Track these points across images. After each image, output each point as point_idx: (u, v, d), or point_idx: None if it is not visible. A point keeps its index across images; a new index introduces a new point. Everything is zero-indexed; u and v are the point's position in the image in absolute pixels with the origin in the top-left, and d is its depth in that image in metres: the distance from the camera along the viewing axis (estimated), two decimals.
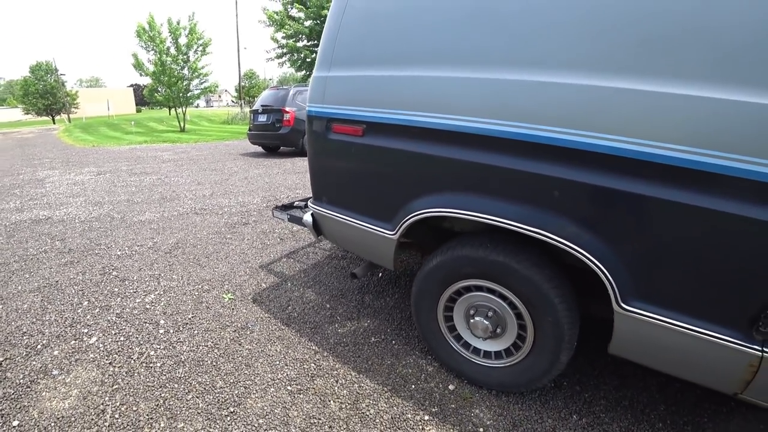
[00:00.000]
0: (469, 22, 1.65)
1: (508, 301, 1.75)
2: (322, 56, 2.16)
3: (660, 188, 1.26)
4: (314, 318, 2.64)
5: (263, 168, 8.49)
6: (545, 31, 1.47)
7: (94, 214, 5.18)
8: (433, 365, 2.15)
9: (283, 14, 17.81)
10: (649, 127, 1.26)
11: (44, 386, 2.06)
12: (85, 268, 3.50)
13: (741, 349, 1.24)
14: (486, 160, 1.60)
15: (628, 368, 2.09)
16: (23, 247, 4.07)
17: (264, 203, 5.55)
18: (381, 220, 2.05)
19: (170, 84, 18.63)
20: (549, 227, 1.49)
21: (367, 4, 2.00)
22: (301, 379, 2.06)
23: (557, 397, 1.92)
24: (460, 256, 1.81)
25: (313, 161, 2.38)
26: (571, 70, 1.40)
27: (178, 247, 3.92)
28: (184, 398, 1.94)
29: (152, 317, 2.67)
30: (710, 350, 1.30)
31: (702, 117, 1.19)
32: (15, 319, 2.70)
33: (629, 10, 1.31)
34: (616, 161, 1.32)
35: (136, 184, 7.06)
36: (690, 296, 1.32)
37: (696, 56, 1.20)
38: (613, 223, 1.40)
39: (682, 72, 1.22)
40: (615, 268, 1.40)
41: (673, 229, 1.29)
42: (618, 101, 1.32)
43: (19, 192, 6.78)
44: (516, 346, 1.82)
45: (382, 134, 1.94)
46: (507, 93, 1.54)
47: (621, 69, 1.32)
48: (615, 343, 1.52)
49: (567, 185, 1.44)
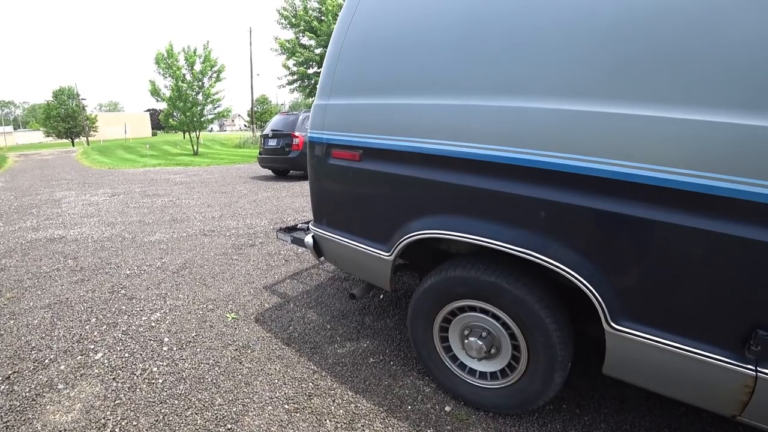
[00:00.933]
0: (456, 52, 1.75)
1: (501, 321, 1.78)
2: (323, 85, 2.28)
3: (646, 209, 1.30)
4: (314, 338, 2.67)
5: (272, 191, 8.64)
6: (528, 59, 1.56)
7: (106, 234, 5.32)
8: (430, 386, 2.16)
9: (295, 42, 18.42)
10: (632, 149, 1.31)
11: (49, 399, 2.11)
12: (95, 286, 3.58)
13: (733, 369, 1.24)
14: (476, 183, 1.67)
15: (630, 391, 2.07)
16: (37, 264, 4.19)
17: (271, 225, 5.64)
18: (377, 242, 2.11)
19: (185, 109, 19.19)
20: (537, 248, 1.53)
21: (362, 39, 2.12)
22: (299, 398, 2.09)
23: (556, 420, 1.92)
24: (453, 276, 1.85)
25: (314, 185, 2.47)
26: (555, 95, 1.47)
27: (186, 268, 4.00)
28: (183, 414, 1.97)
29: (157, 335, 2.72)
30: (702, 370, 1.30)
31: (684, 138, 1.23)
32: (25, 333, 2.78)
33: (608, 38, 1.39)
34: (600, 183, 1.37)
35: (148, 206, 7.23)
36: (679, 315, 1.34)
37: (674, 80, 1.27)
38: (600, 244, 1.44)
39: (661, 95, 1.28)
40: (603, 287, 1.43)
41: (660, 248, 1.32)
42: (600, 125, 1.37)
43: (36, 211, 6.98)
44: (511, 366, 1.83)
45: (378, 159, 2.02)
46: (493, 119, 1.61)
47: (602, 94, 1.38)
48: (608, 364, 1.53)
49: (553, 207, 1.49)
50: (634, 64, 1.33)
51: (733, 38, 1.18)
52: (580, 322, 1.77)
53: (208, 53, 19.15)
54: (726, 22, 1.20)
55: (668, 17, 1.28)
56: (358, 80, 2.12)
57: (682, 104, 1.24)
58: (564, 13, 1.48)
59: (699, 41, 1.23)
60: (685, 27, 1.26)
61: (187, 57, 18.92)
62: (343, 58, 2.16)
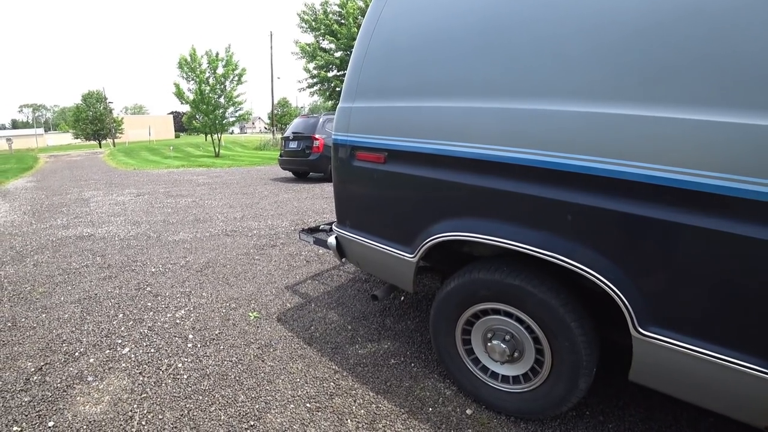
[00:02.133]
0: (481, 55, 1.75)
1: (525, 324, 1.77)
2: (347, 89, 2.31)
3: (676, 213, 1.28)
4: (336, 338, 2.69)
5: (293, 192, 8.75)
6: (554, 62, 1.55)
7: (132, 233, 5.47)
8: (451, 389, 2.15)
9: (315, 46, 18.63)
10: (660, 151, 1.29)
11: (79, 391, 2.18)
12: (122, 282, 3.69)
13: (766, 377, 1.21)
14: (501, 185, 1.66)
15: (656, 399, 2.03)
16: (67, 261, 4.34)
17: (292, 226, 5.72)
18: (401, 244, 2.12)
19: (207, 112, 19.59)
20: (563, 251, 1.52)
21: (387, 43, 2.14)
22: (320, 397, 2.11)
23: (578, 427, 1.88)
24: (476, 279, 1.85)
25: (338, 187, 2.49)
26: (579, 98, 1.46)
27: (209, 267, 4.08)
28: (208, 410, 2.02)
29: (181, 331, 2.79)
30: (734, 379, 1.27)
31: (714, 141, 1.21)
32: (56, 327, 2.88)
33: (631, 40, 1.37)
34: (627, 186, 1.35)
35: (172, 206, 7.40)
36: (710, 321, 1.31)
37: (703, 82, 1.24)
38: (628, 248, 1.42)
39: (688, 97, 1.26)
40: (631, 292, 1.40)
41: (690, 253, 1.29)
42: (626, 127, 1.36)
43: (66, 210, 7.23)
44: (534, 371, 1.81)
45: (402, 161, 2.03)
46: (519, 121, 1.61)
47: (627, 96, 1.37)
48: (635, 370, 1.50)
49: (580, 210, 1.47)
50: (663, 66, 1.31)
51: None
52: (605, 328, 1.74)
53: (229, 56, 19.52)
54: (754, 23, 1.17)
55: (693, 18, 1.26)
56: (383, 83, 2.14)
57: (715, 106, 1.21)
58: (590, 13, 1.47)
59: (727, 42, 1.21)
60: (712, 27, 1.23)
61: (210, 61, 19.33)
62: (368, 62, 2.18)
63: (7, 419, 1.98)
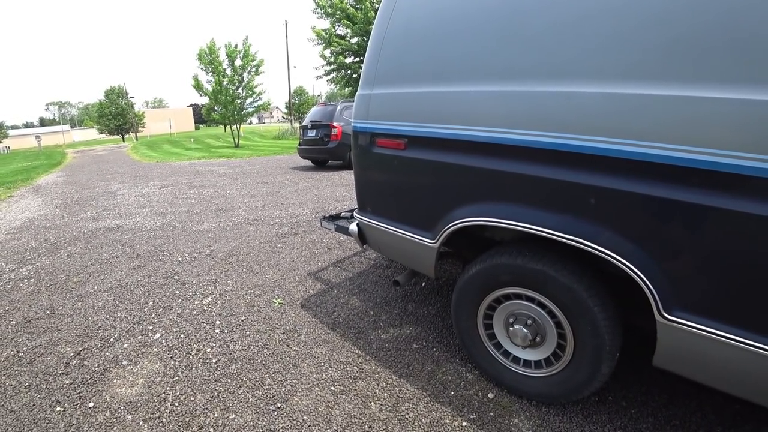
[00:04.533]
0: (500, 38, 1.72)
1: (548, 309, 1.76)
2: (366, 75, 2.30)
3: (703, 194, 1.24)
4: (358, 324, 2.74)
5: (312, 181, 8.81)
6: (576, 41, 1.51)
7: (158, 224, 5.63)
8: (472, 373, 2.17)
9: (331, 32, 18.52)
10: (686, 131, 1.26)
11: (115, 374, 2.30)
12: (150, 272, 3.82)
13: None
14: (523, 170, 1.65)
15: (680, 385, 2.00)
16: (98, 252, 4.51)
17: (313, 214, 5.78)
18: (422, 229, 2.13)
19: (226, 103, 19.82)
20: (587, 235, 1.50)
21: (404, 28, 2.12)
22: (344, 380, 2.16)
23: (601, 412, 1.88)
24: (499, 264, 1.84)
25: (358, 173, 2.51)
26: (600, 78, 1.43)
27: (233, 255, 4.18)
28: (236, 392, 2.09)
29: (209, 318, 2.88)
30: (761, 364, 1.24)
31: (742, 119, 1.17)
32: (92, 314, 3.02)
33: (652, 16, 1.33)
34: (651, 168, 1.32)
35: (195, 197, 7.56)
36: (737, 306, 1.28)
37: (725, 59, 1.20)
38: (653, 231, 1.39)
39: (714, 75, 1.21)
40: (656, 276, 1.38)
41: (718, 236, 1.26)
42: (650, 107, 1.32)
43: (95, 203, 7.48)
44: (556, 355, 1.81)
45: (423, 147, 2.03)
46: (540, 104, 1.59)
47: (650, 75, 1.33)
48: (659, 355, 1.48)
49: (603, 193, 1.45)
50: (687, 43, 1.27)
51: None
52: (628, 312, 1.72)
53: (247, 48, 19.62)
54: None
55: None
56: (402, 69, 2.12)
57: (742, 83, 1.17)
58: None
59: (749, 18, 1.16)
60: None
61: (228, 53, 19.48)
62: (386, 48, 2.17)
63: (51, 400, 2.10)
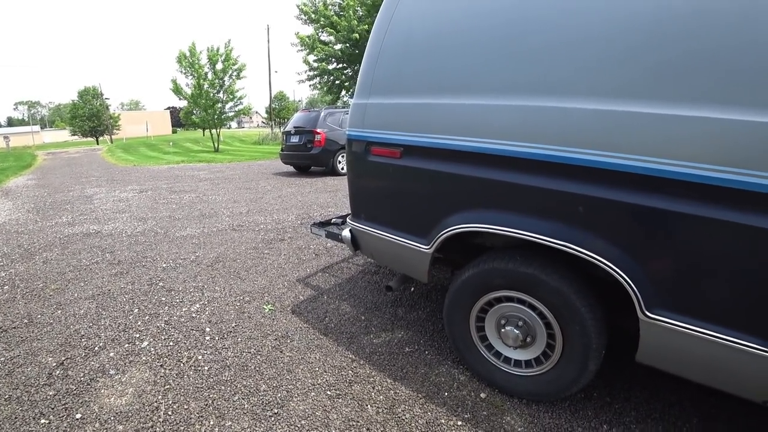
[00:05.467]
0: (498, 55, 1.81)
1: (538, 311, 1.84)
2: (361, 85, 2.35)
3: (682, 203, 1.36)
4: (350, 329, 2.77)
5: (295, 187, 8.79)
6: (567, 61, 1.62)
7: (139, 229, 5.52)
8: (465, 374, 2.23)
9: (314, 38, 18.51)
10: (665, 146, 1.37)
11: (103, 384, 2.24)
12: (134, 278, 3.75)
13: (765, 354, 1.29)
14: (515, 179, 1.74)
15: (660, 381, 2.11)
16: (77, 258, 4.39)
17: (298, 221, 5.77)
18: (417, 235, 2.19)
19: (206, 107, 19.55)
20: (575, 240, 1.59)
21: (401, 41, 2.18)
22: (340, 384, 2.18)
23: (587, 407, 1.97)
24: (491, 268, 1.92)
25: (353, 181, 2.55)
26: (592, 96, 1.53)
27: (219, 261, 4.14)
28: (231, 399, 2.09)
29: (198, 325, 2.85)
30: (734, 357, 1.35)
31: (714, 136, 1.29)
32: (73, 323, 2.94)
33: (641, 41, 1.44)
34: (635, 178, 1.43)
35: (177, 202, 7.44)
36: (712, 304, 1.40)
37: (703, 81, 1.32)
38: (635, 236, 1.50)
39: (693, 95, 1.34)
40: (639, 278, 1.48)
41: (694, 240, 1.37)
42: (635, 124, 1.43)
43: (70, 207, 7.27)
44: (545, 354, 1.89)
45: (418, 156, 2.09)
46: (533, 118, 1.68)
47: (636, 95, 1.44)
48: (641, 351, 1.59)
49: (591, 201, 1.55)
50: (669, 68, 1.39)
51: None
52: (612, 313, 1.82)
53: (229, 52, 19.44)
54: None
55: (706, 19, 1.32)
56: (399, 81, 2.18)
57: (715, 104, 1.29)
58: (603, 15, 1.53)
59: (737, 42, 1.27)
60: (724, 28, 1.30)
61: (210, 56, 19.26)
62: (383, 59, 2.23)
63: (34, 412, 2.03)
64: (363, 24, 16.85)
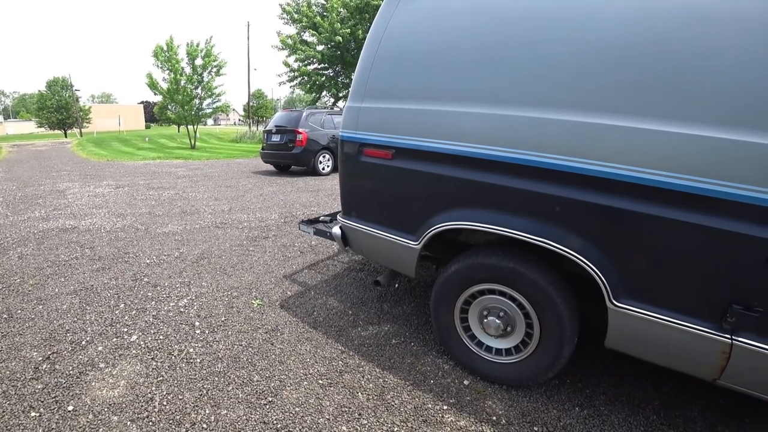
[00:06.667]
0: (485, 68, 1.98)
1: (517, 302, 2.01)
2: (356, 90, 2.46)
3: (641, 204, 1.55)
4: (338, 322, 2.87)
5: (277, 186, 8.79)
6: (547, 77, 1.80)
7: (118, 225, 5.45)
8: (449, 363, 2.37)
9: (296, 39, 18.41)
10: (630, 155, 1.56)
11: (93, 377, 2.26)
12: (117, 274, 3.73)
13: (713, 337, 1.49)
14: (499, 181, 1.90)
15: (626, 368, 2.31)
16: (54, 253, 4.31)
17: (282, 219, 5.81)
18: (406, 232, 2.31)
19: (183, 102, 19.18)
20: (551, 237, 1.77)
21: (395, 49, 2.31)
22: (331, 374, 2.28)
23: (561, 392, 2.14)
24: (475, 263, 2.08)
25: (345, 180, 2.66)
26: (568, 109, 1.71)
27: (204, 258, 4.16)
28: (225, 389, 2.15)
29: (187, 319, 2.89)
30: (688, 340, 1.55)
31: (672, 146, 1.49)
32: (56, 318, 2.91)
33: (610, 66, 1.64)
34: (605, 183, 1.61)
35: (156, 198, 7.35)
36: (669, 293, 1.59)
37: (662, 98, 1.53)
38: (604, 234, 1.68)
39: (649, 111, 1.54)
40: (607, 270, 1.67)
41: (653, 238, 1.57)
42: (606, 134, 1.62)
43: (42, 202, 7.07)
44: (524, 343, 2.06)
45: (409, 158, 2.22)
46: (515, 126, 1.84)
47: (606, 109, 1.63)
48: (610, 337, 1.78)
49: (566, 202, 1.72)
50: (636, 86, 1.58)
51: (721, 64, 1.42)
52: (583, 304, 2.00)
53: (210, 48, 19.13)
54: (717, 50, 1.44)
55: (665, 45, 1.53)
56: (392, 87, 2.31)
57: (671, 119, 1.49)
58: (577, 42, 1.72)
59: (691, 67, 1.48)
60: (679, 54, 1.50)
61: (189, 51, 18.89)
62: (377, 66, 2.35)
63: (23, 405, 2.03)
64: (345, 27, 16.85)
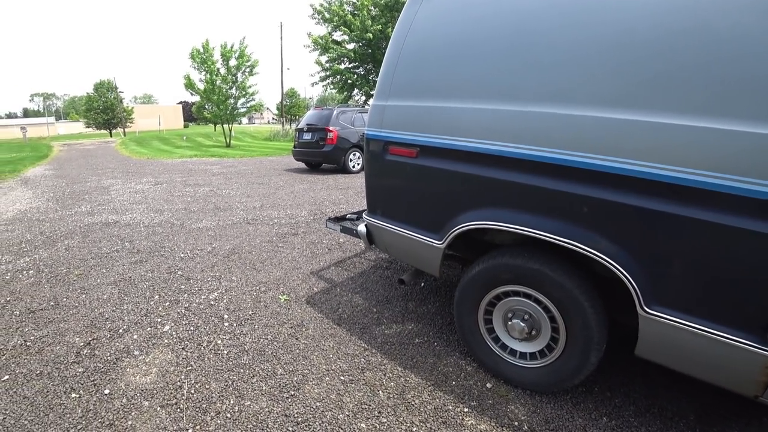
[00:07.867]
0: (510, 64, 1.93)
1: (543, 305, 1.95)
2: (381, 88, 2.47)
3: (677, 206, 1.46)
4: (363, 320, 2.89)
5: (307, 183, 8.93)
6: (572, 72, 1.73)
7: (156, 220, 5.69)
8: (472, 365, 2.34)
9: (327, 38, 18.64)
10: (662, 152, 1.47)
11: (128, 363, 2.39)
12: (153, 266, 3.90)
13: (755, 351, 1.38)
14: (524, 180, 1.84)
15: (659, 378, 2.20)
16: (97, 246, 4.56)
17: (311, 216, 5.90)
18: (430, 231, 2.30)
19: (219, 102, 19.77)
20: (579, 239, 1.70)
21: (419, 47, 2.30)
22: (353, 371, 2.30)
23: (588, 400, 2.07)
24: (500, 264, 2.03)
25: (370, 178, 2.67)
26: (596, 105, 1.64)
27: (235, 253, 4.28)
28: (250, 381, 2.21)
29: (217, 312, 2.99)
30: (727, 352, 1.44)
31: (714, 144, 1.38)
32: (97, 306, 3.09)
33: (640, 53, 1.55)
34: (636, 182, 1.53)
35: (191, 195, 7.62)
36: (707, 301, 1.49)
37: (695, 93, 1.43)
38: (636, 236, 1.59)
39: (683, 106, 1.44)
40: (638, 275, 1.58)
41: (691, 241, 1.46)
42: (634, 130, 1.54)
43: (88, 198, 7.47)
44: (549, 347, 2.00)
45: (434, 156, 2.20)
46: (538, 123, 1.79)
47: (633, 104, 1.55)
48: (640, 346, 1.68)
49: (594, 202, 1.65)
50: (668, 80, 1.49)
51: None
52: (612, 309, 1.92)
53: (243, 48, 19.64)
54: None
55: (696, 34, 1.43)
56: (416, 85, 2.30)
57: (704, 114, 1.40)
58: (603, 29, 1.64)
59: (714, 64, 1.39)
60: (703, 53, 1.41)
61: (223, 53, 19.46)
62: (402, 64, 2.35)
63: (65, 387, 2.18)
64: (377, 24, 16.96)
